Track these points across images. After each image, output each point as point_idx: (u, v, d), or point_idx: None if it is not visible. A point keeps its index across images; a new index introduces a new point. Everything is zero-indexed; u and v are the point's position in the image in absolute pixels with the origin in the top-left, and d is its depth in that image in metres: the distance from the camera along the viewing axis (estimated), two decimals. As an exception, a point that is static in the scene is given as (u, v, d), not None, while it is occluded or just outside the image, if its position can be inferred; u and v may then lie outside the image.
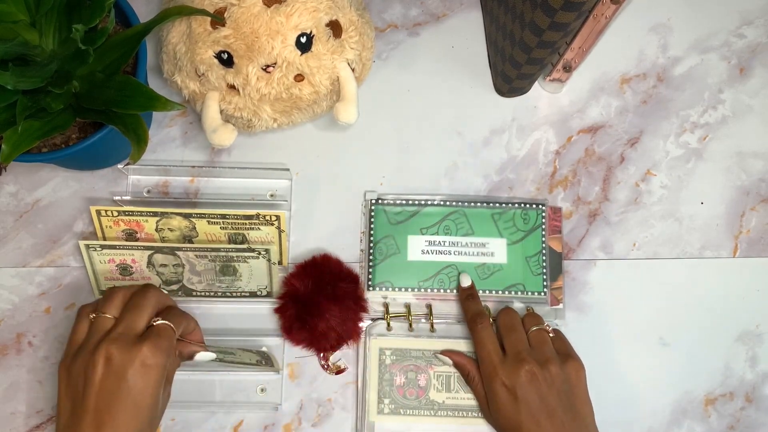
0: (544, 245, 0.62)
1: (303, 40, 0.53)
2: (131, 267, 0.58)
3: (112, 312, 0.49)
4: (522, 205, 0.62)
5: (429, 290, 0.60)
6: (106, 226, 0.59)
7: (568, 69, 0.62)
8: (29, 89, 0.48)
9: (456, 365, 0.58)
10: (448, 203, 0.62)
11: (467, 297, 0.59)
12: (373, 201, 0.62)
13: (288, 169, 0.62)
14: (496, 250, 0.61)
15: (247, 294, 0.60)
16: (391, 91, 0.66)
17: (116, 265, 0.58)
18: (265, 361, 0.58)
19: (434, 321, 0.60)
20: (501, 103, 0.67)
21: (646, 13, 0.69)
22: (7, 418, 0.59)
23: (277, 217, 0.59)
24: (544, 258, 0.61)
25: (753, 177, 0.65)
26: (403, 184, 0.64)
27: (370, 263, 0.61)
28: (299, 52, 0.54)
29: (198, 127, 0.64)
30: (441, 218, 0.62)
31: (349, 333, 0.58)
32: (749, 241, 0.64)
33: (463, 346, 0.60)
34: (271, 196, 0.63)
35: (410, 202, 0.62)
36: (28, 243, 0.62)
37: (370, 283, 0.60)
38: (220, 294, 0.60)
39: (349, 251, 0.62)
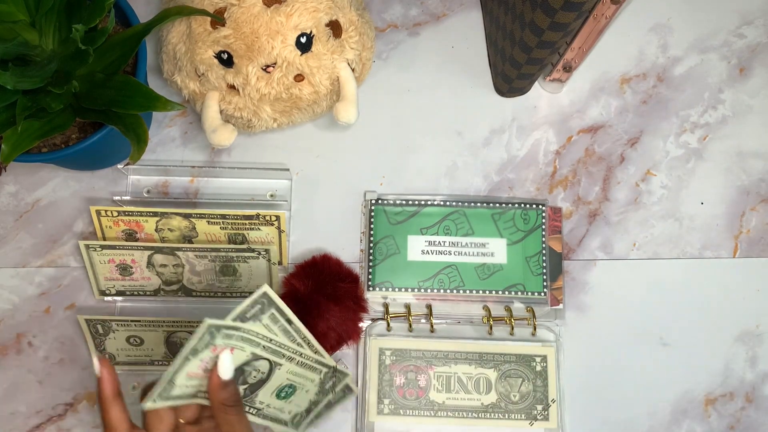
0: (544, 245, 0.62)
1: (303, 40, 0.53)
2: (131, 267, 0.58)
3: None
4: (522, 205, 0.62)
5: (429, 290, 0.60)
6: (106, 226, 0.59)
7: (568, 69, 0.62)
8: (29, 89, 0.48)
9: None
10: (448, 203, 0.62)
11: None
12: (373, 201, 0.62)
13: (288, 169, 0.62)
14: (496, 250, 0.61)
15: (248, 294, 0.60)
16: (391, 91, 0.66)
17: (116, 265, 0.58)
18: (334, 383, 0.52)
19: (434, 321, 0.60)
20: (501, 103, 0.67)
21: (646, 13, 0.69)
22: (7, 418, 0.59)
23: (277, 218, 0.59)
24: (544, 258, 0.61)
25: (753, 177, 0.65)
26: (403, 184, 0.64)
27: (370, 263, 0.61)
28: (299, 52, 0.54)
29: (198, 127, 0.64)
30: (441, 218, 0.62)
31: (349, 333, 0.58)
32: (749, 241, 0.64)
33: (463, 346, 0.60)
34: (271, 196, 0.63)
35: (410, 202, 0.62)
36: (28, 243, 0.62)
37: (370, 283, 0.60)
38: (220, 294, 0.60)
39: (349, 251, 0.62)
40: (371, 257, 0.61)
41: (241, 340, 0.42)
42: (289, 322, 0.44)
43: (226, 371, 0.41)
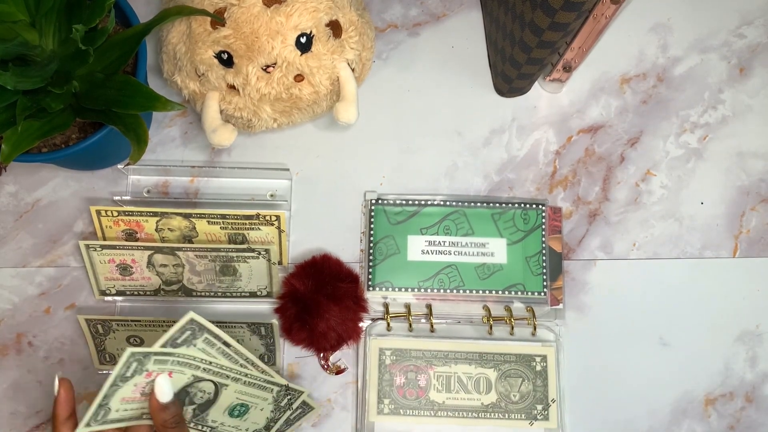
0: (544, 245, 0.62)
1: (303, 40, 0.53)
2: (131, 267, 0.58)
3: None
4: (522, 205, 0.62)
5: (429, 290, 0.60)
6: (106, 226, 0.59)
7: (568, 69, 0.62)
8: (29, 89, 0.48)
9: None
10: (448, 203, 0.62)
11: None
12: (373, 201, 0.62)
13: (288, 169, 0.62)
14: (496, 250, 0.61)
15: (247, 294, 0.60)
16: (391, 91, 0.66)
17: (116, 265, 0.58)
18: (289, 400, 0.52)
19: (434, 321, 0.60)
20: (501, 103, 0.67)
21: (646, 13, 0.69)
22: (7, 418, 0.59)
23: (277, 217, 0.59)
24: (544, 258, 0.61)
25: (753, 177, 0.65)
26: (403, 184, 0.64)
27: (370, 263, 0.61)
28: (299, 52, 0.54)
29: (198, 127, 0.64)
30: (441, 218, 0.62)
31: (349, 333, 0.58)
32: (749, 241, 0.64)
33: (463, 346, 0.60)
34: (271, 196, 0.63)
35: (410, 202, 0.62)
36: (28, 243, 0.62)
37: (370, 283, 0.60)
38: (220, 294, 0.60)
39: (349, 251, 0.62)
40: (371, 257, 0.61)
41: (177, 365, 0.43)
42: (227, 345, 0.45)
43: (163, 395, 0.43)
